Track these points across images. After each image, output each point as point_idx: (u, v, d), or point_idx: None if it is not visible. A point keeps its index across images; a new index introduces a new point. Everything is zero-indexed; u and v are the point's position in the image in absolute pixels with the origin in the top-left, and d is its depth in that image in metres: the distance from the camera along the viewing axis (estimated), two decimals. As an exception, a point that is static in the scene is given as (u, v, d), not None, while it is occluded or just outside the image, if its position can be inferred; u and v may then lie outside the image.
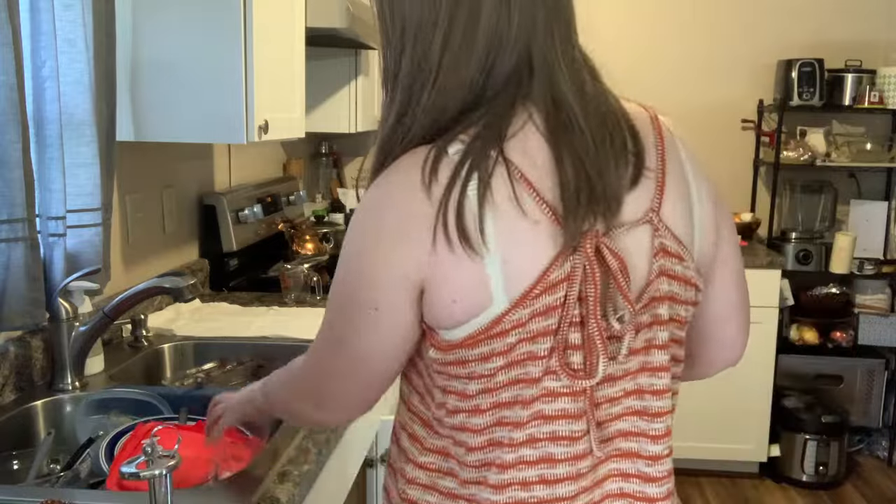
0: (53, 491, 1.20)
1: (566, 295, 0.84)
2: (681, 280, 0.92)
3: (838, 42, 3.78)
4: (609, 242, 0.85)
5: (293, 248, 2.69)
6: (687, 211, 0.93)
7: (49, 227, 1.56)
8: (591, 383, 0.86)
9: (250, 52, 1.79)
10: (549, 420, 0.88)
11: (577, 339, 0.85)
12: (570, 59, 0.91)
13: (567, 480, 0.90)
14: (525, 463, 0.89)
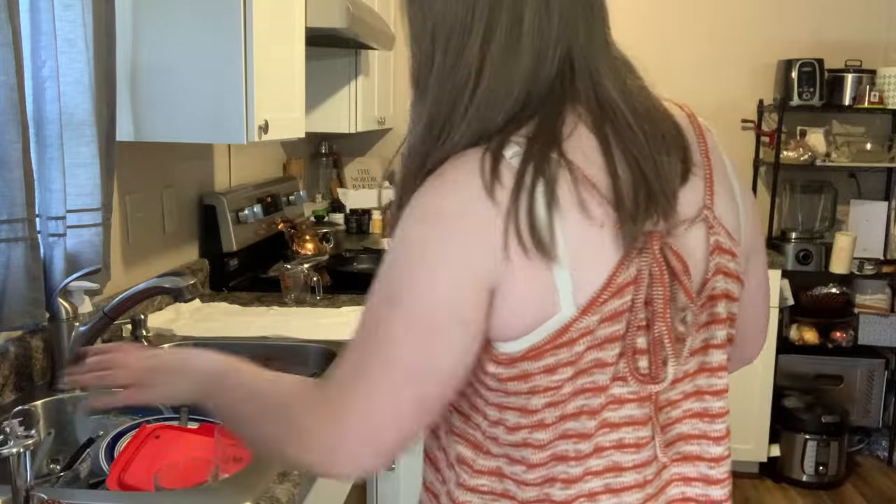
0: (53, 491, 1.20)
1: (633, 299, 0.82)
2: (733, 277, 0.91)
3: (838, 42, 3.78)
4: (672, 242, 0.83)
5: (293, 248, 2.69)
6: (734, 207, 0.92)
7: (49, 227, 1.56)
8: (660, 387, 0.85)
9: (250, 52, 1.79)
10: (616, 428, 0.86)
11: (643, 343, 0.84)
12: (610, 56, 0.90)
13: (634, 489, 0.87)
14: (591, 474, 0.86)
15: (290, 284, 2.33)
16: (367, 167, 3.98)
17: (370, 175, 3.96)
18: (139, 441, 1.34)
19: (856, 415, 3.60)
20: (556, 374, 0.82)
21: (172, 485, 1.21)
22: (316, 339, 1.94)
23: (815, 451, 3.39)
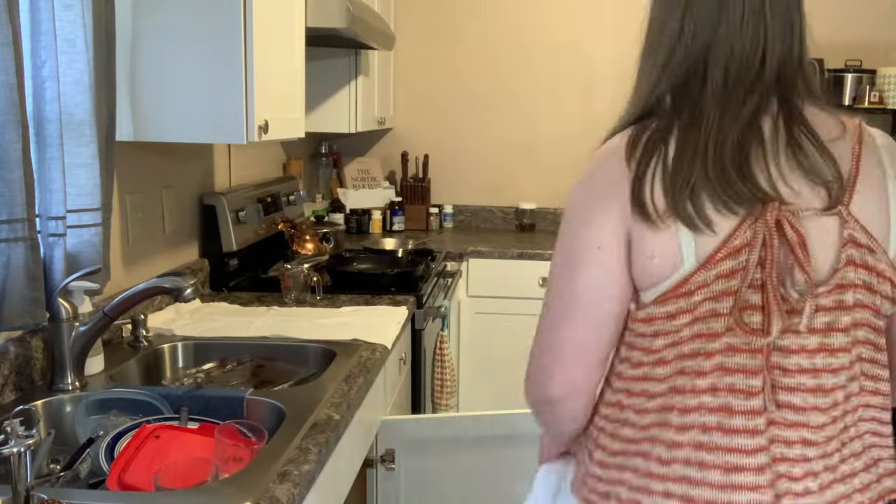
0: (53, 491, 1.20)
1: (748, 259, 0.97)
2: (872, 270, 1.01)
3: (838, 42, 3.78)
4: (792, 219, 0.97)
5: (293, 248, 2.69)
6: (882, 209, 1.02)
7: (49, 227, 1.56)
8: (766, 341, 0.98)
9: (250, 52, 1.79)
10: (730, 373, 0.99)
11: (756, 300, 0.98)
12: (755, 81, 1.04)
13: (744, 434, 0.99)
14: (706, 409, 1.00)
15: (290, 284, 2.33)
16: (367, 167, 3.98)
17: (370, 175, 3.96)
18: (139, 441, 1.34)
19: (856, 415, 3.60)
20: (676, 320, 1.00)
21: (172, 485, 1.21)
22: (316, 339, 1.94)
23: (816, 451, 3.39)
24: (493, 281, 3.40)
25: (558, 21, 3.89)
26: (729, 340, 0.99)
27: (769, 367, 0.99)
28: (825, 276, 1.00)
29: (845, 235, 1.00)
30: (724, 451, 1.00)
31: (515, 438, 2.16)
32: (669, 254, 0.99)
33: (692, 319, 0.99)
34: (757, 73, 1.02)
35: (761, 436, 1.00)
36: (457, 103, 3.99)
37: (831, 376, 1.01)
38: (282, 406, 1.50)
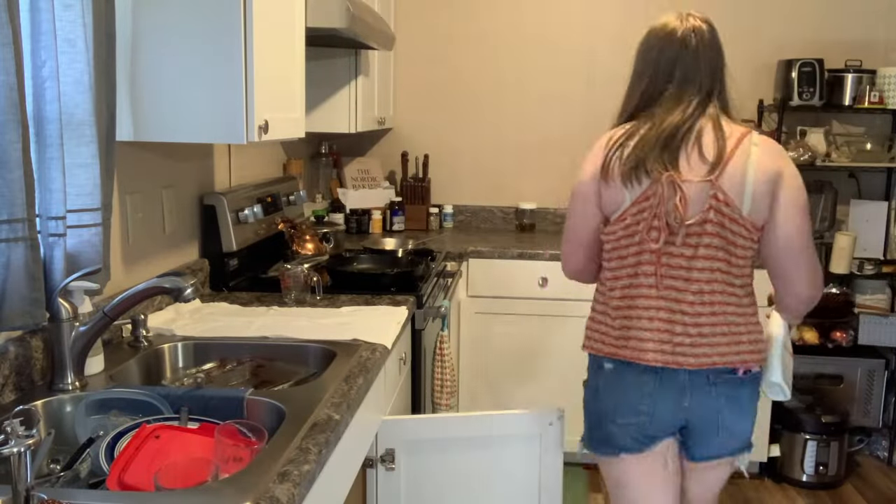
0: (53, 491, 1.20)
1: (651, 203, 1.76)
2: (725, 216, 1.76)
3: (838, 42, 3.78)
4: (679, 181, 1.74)
5: (293, 248, 2.69)
6: (740, 182, 1.76)
7: (49, 227, 1.56)
8: (657, 247, 1.78)
9: (250, 52, 1.79)
10: (641, 265, 1.81)
11: (655, 224, 1.76)
12: (677, 99, 1.85)
13: (647, 300, 1.82)
14: (630, 285, 1.83)
15: (290, 284, 2.33)
16: (367, 167, 3.98)
17: (370, 175, 3.96)
18: (139, 441, 1.34)
19: (856, 415, 3.60)
20: (616, 234, 1.83)
21: (172, 485, 1.21)
22: (316, 339, 1.94)
23: (815, 451, 3.39)
24: (493, 281, 3.40)
25: (558, 21, 3.89)
26: (640, 247, 1.81)
27: (660, 264, 1.80)
28: (694, 215, 1.76)
29: (710, 195, 1.76)
30: (639, 308, 1.82)
31: (515, 438, 2.17)
32: (618, 200, 1.81)
33: (624, 234, 1.82)
34: (690, 99, 1.81)
35: (656, 304, 1.81)
36: (457, 103, 3.99)
37: (697, 273, 1.79)
38: (282, 406, 1.50)
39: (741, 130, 1.79)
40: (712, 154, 1.76)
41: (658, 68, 1.85)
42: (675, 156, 1.76)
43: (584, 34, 3.88)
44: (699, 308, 1.79)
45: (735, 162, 1.75)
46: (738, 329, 1.82)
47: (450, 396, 2.63)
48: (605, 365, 1.87)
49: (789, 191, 1.77)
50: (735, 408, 1.86)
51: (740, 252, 1.79)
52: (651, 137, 1.77)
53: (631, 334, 1.81)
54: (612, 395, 1.87)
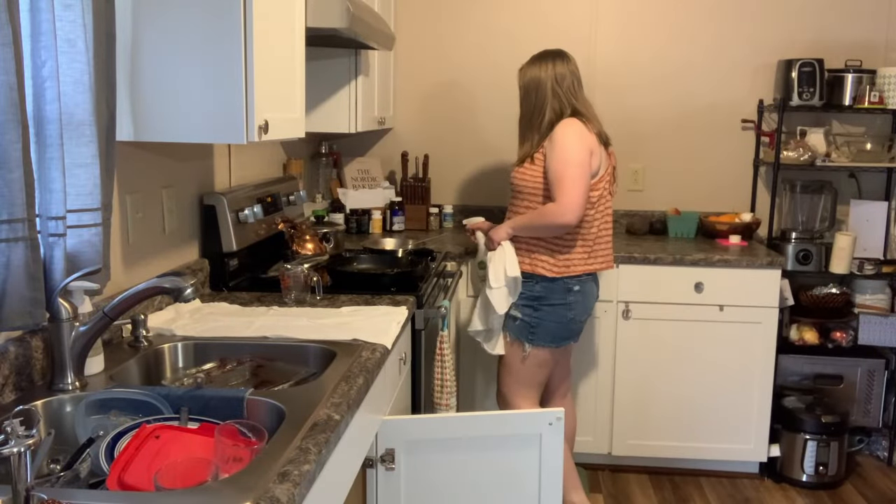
0: (53, 491, 1.20)
1: (608, 168, 2.77)
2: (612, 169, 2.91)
3: (838, 42, 3.78)
4: (613, 152, 2.84)
5: (293, 248, 2.69)
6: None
7: (49, 227, 1.56)
8: (614, 194, 2.86)
9: (250, 52, 1.79)
10: (607, 210, 2.80)
11: (613, 179, 2.82)
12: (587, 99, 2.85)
13: (609, 234, 2.84)
14: (605, 226, 2.80)
15: (290, 284, 2.33)
16: (367, 167, 3.98)
17: (370, 175, 3.96)
18: (139, 441, 1.35)
19: (856, 415, 3.60)
20: (598, 190, 2.73)
21: (172, 485, 1.21)
22: (316, 339, 1.94)
23: (815, 451, 3.39)
24: (493, 281, 3.40)
25: (557, 21, 3.89)
26: (609, 198, 2.78)
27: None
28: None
29: (612, 161, 2.82)
30: (607, 236, 2.82)
31: (515, 438, 2.17)
32: (597, 164, 2.69)
33: (603, 191, 2.74)
34: (584, 100, 2.82)
35: (611, 232, 2.85)
36: (457, 103, 3.99)
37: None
38: (282, 406, 1.50)
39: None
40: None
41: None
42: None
43: (583, 35, 3.88)
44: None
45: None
46: None
47: (450, 396, 2.63)
48: (574, 287, 2.74)
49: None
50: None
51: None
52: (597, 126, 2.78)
53: (607, 252, 2.82)
54: (584, 303, 2.77)
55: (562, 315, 2.76)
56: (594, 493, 3.36)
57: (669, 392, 3.44)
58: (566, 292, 2.75)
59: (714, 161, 3.92)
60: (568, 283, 2.73)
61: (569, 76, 2.75)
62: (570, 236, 2.72)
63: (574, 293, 2.75)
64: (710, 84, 3.87)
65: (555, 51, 2.81)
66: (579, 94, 2.77)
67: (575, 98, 2.74)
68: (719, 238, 3.70)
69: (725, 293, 3.34)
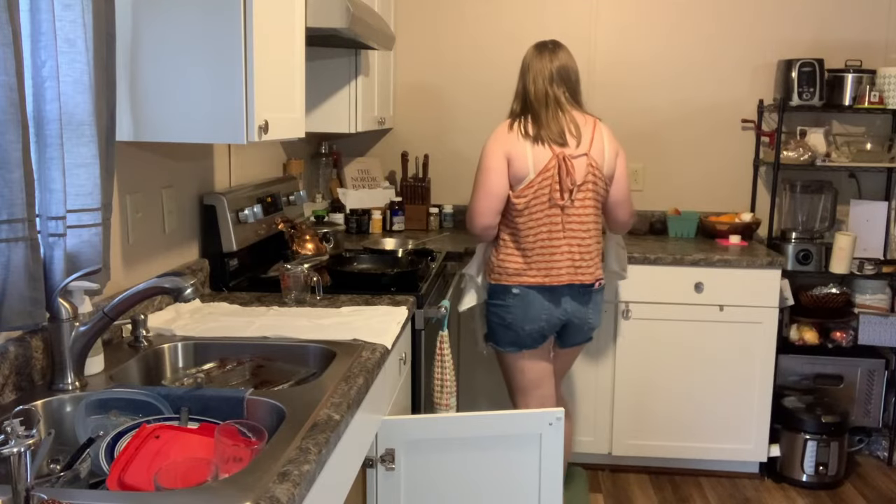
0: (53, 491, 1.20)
1: (552, 173, 2.58)
2: (597, 178, 2.65)
3: (838, 42, 3.78)
4: (569, 157, 2.59)
5: (293, 248, 2.69)
6: (602, 155, 2.65)
7: (49, 227, 1.56)
8: (561, 204, 2.60)
9: (250, 52, 1.79)
10: (550, 216, 2.61)
11: (556, 188, 2.58)
12: (554, 99, 2.67)
13: (557, 242, 2.63)
14: (542, 237, 2.63)
15: (290, 284, 2.33)
16: (367, 167, 3.98)
17: (370, 175, 3.96)
18: (139, 441, 1.35)
19: (856, 415, 3.60)
20: (525, 197, 2.60)
21: (172, 485, 1.21)
22: (316, 339, 1.94)
23: (815, 451, 3.39)
24: (493, 281, 3.40)
25: (557, 21, 3.89)
26: (550, 207, 2.60)
27: (564, 217, 2.62)
28: (581, 180, 2.61)
29: (587, 165, 2.62)
30: (551, 248, 2.63)
31: (515, 438, 2.17)
32: (523, 170, 2.60)
33: (532, 199, 2.60)
34: (553, 99, 2.66)
35: (563, 245, 2.63)
36: (457, 103, 3.99)
37: (587, 219, 2.65)
38: (282, 406, 1.50)
39: (593, 118, 2.71)
40: (582, 136, 2.64)
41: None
42: (565, 138, 2.62)
43: (583, 35, 3.88)
44: (591, 244, 2.68)
45: (596, 141, 2.66)
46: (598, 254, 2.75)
47: (450, 396, 2.63)
48: (513, 290, 2.68)
49: (622, 158, 2.75)
50: (594, 308, 2.77)
51: (603, 200, 2.73)
52: (548, 125, 2.67)
53: (549, 265, 2.65)
54: (525, 310, 2.67)
55: (501, 317, 2.72)
56: (594, 493, 3.36)
57: (669, 392, 3.44)
58: (505, 294, 2.69)
59: (714, 161, 3.92)
60: (506, 285, 2.68)
61: (547, 72, 2.64)
62: (504, 244, 2.68)
63: (513, 296, 2.67)
64: (710, 84, 3.87)
65: (544, 43, 2.72)
66: (553, 90, 2.63)
67: (540, 95, 2.63)
68: (719, 238, 3.70)
69: (725, 293, 3.34)
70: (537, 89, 2.64)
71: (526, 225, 2.61)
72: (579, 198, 2.60)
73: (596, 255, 2.69)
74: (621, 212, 2.77)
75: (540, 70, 2.66)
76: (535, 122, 2.61)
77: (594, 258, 2.69)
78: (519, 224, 2.62)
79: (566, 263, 2.63)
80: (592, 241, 2.67)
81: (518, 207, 2.60)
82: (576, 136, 2.61)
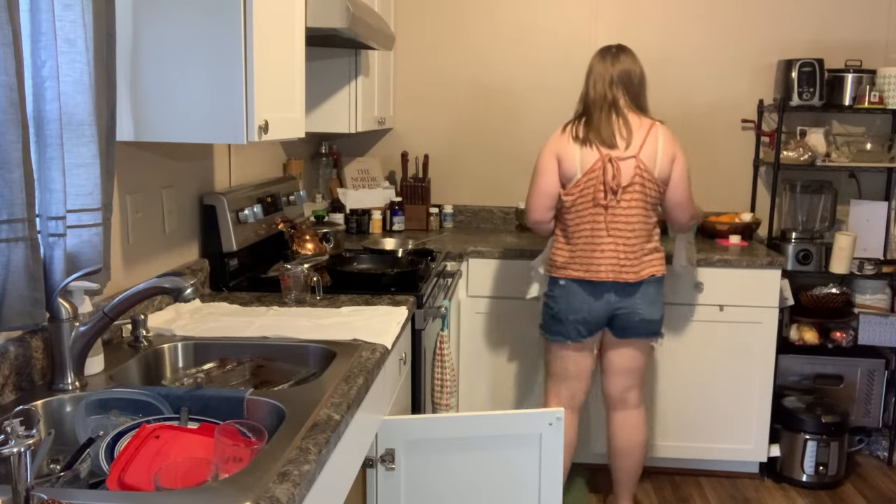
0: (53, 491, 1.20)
1: (598, 173, 2.71)
2: (646, 180, 2.73)
3: (838, 42, 3.78)
4: (615, 157, 2.71)
5: (293, 248, 2.69)
6: (653, 158, 2.74)
7: (49, 227, 1.56)
8: (605, 204, 2.73)
9: (250, 52, 1.79)
10: (593, 218, 2.75)
11: (600, 188, 2.72)
12: (611, 102, 2.80)
13: (601, 241, 2.76)
14: (585, 234, 2.77)
15: (290, 284, 2.33)
16: (367, 167, 3.98)
17: (370, 175, 3.96)
18: (139, 441, 1.35)
19: (856, 415, 3.60)
20: (572, 195, 2.77)
21: (172, 485, 1.21)
22: (316, 339, 1.94)
23: (815, 451, 3.39)
24: (493, 281, 3.40)
25: (557, 21, 3.89)
26: (593, 205, 2.73)
27: (607, 216, 2.73)
28: (627, 181, 2.71)
29: (635, 167, 2.71)
30: (593, 245, 2.75)
31: (515, 438, 2.16)
32: (571, 171, 2.75)
33: (579, 197, 2.75)
34: (610, 102, 2.77)
35: (608, 243, 2.74)
36: (457, 103, 3.99)
37: (633, 219, 2.73)
38: (282, 406, 1.50)
39: (651, 122, 2.78)
40: (633, 139, 2.74)
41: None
42: (615, 140, 2.74)
43: (584, 34, 3.88)
44: (636, 243, 2.77)
45: (648, 144, 2.73)
46: (651, 256, 2.84)
47: (450, 396, 2.63)
48: (560, 282, 2.84)
49: (679, 160, 2.79)
50: (644, 299, 2.82)
51: (658, 201, 2.82)
52: (598, 127, 2.80)
53: (589, 261, 2.78)
54: (568, 301, 2.82)
55: (550, 307, 2.89)
56: (594, 493, 3.36)
57: (669, 392, 3.43)
58: (554, 286, 2.87)
59: (714, 161, 3.92)
60: (555, 276, 2.86)
61: (608, 76, 2.77)
62: (557, 238, 2.87)
63: (559, 287, 2.84)
64: (710, 84, 3.87)
65: (608, 47, 2.84)
66: (612, 93, 2.76)
67: (598, 98, 2.76)
68: (719, 238, 3.70)
69: (725, 293, 3.34)
70: (596, 92, 2.77)
71: (573, 221, 2.77)
72: (626, 198, 2.71)
73: (644, 255, 2.77)
74: (679, 214, 2.87)
75: (601, 74, 2.78)
76: (587, 124, 2.75)
77: (640, 257, 2.76)
78: (567, 220, 2.79)
79: (610, 261, 2.74)
80: (639, 241, 2.75)
81: (566, 205, 2.77)
82: (626, 139, 2.71)
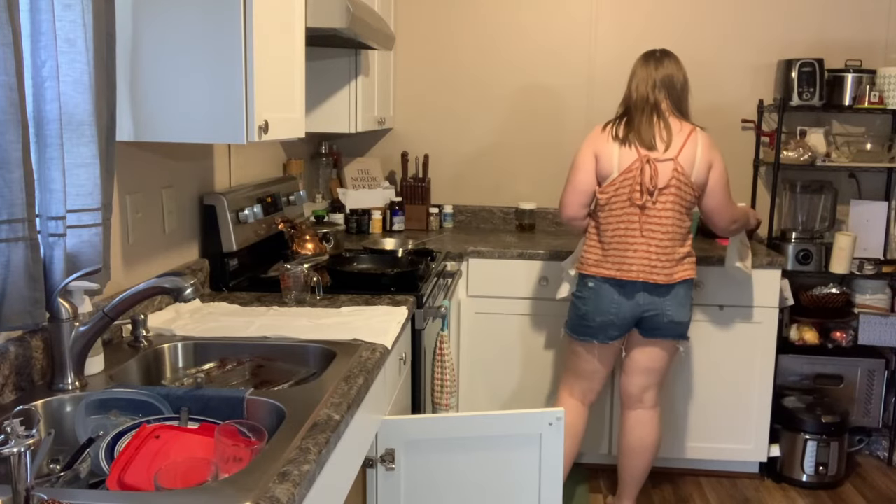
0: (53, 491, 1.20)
1: (635, 174, 2.73)
2: (682, 182, 2.74)
3: (838, 42, 3.78)
4: (653, 158, 2.73)
5: (293, 248, 2.69)
6: (691, 161, 2.75)
7: (49, 227, 1.56)
8: (639, 203, 2.73)
9: (250, 52, 1.79)
10: (628, 215, 2.76)
11: (636, 188, 2.73)
12: (653, 105, 2.82)
13: (634, 241, 2.76)
14: (619, 233, 2.77)
15: (290, 284, 2.33)
16: (367, 167, 3.98)
17: (370, 175, 3.96)
18: (139, 441, 1.35)
19: (856, 415, 3.60)
20: (607, 194, 2.78)
21: (172, 485, 1.21)
22: (316, 339, 1.94)
23: (815, 451, 3.39)
24: (493, 281, 3.40)
25: (557, 21, 3.89)
26: (629, 204, 2.75)
27: (641, 217, 2.74)
28: (664, 183, 2.72)
29: (672, 169, 2.72)
30: (625, 244, 2.76)
31: (515, 438, 2.16)
32: (608, 169, 2.77)
33: (614, 195, 2.76)
34: (652, 105, 2.79)
35: (641, 243, 2.75)
36: (457, 103, 3.99)
37: (667, 221, 2.74)
38: (282, 406, 1.50)
39: (690, 126, 2.80)
40: (672, 141, 2.76)
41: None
42: (654, 141, 2.76)
43: (584, 35, 3.88)
44: (668, 245, 2.77)
45: (687, 147, 2.75)
46: (684, 259, 2.84)
47: (450, 396, 2.63)
48: (589, 283, 2.84)
49: (717, 165, 2.81)
50: (674, 301, 2.82)
51: (694, 203, 2.83)
52: (638, 127, 2.83)
53: (622, 260, 2.79)
54: (596, 302, 2.83)
55: (577, 307, 2.89)
56: (594, 493, 3.36)
57: (669, 392, 3.43)
58: (583, 286, 2.87)
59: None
60: (585, 276, 2.85)
61: (651, 80, 2.80)
62: (590, 236, 2.87)
63: (588, 289, 2.84)
64: (710, 84, 3.87)
65: (652, 51, 2.87)
66: (654, 96, 2.79)
67: (640, 101, 2.79)
68: (719, 238, 3.70)
69: (725, 293, 3.34)
70: (639, 95, 2.80)
71: (606, 220, 2.79)
72: (661, 200, 2.72)
73: (678, 258, 2.77)
74: (717, 219, 2.88)
75: (644, 77, 2.82)
76: (628, 125, 2.77)
77: (672, 260, 2.76)
78: (601, 218, 2.80)
79: (642, 262, 2.75)
80: (672, 244, 2.75)
81: (601, 203, 2.79)
82: (665, 142, 2.74)
